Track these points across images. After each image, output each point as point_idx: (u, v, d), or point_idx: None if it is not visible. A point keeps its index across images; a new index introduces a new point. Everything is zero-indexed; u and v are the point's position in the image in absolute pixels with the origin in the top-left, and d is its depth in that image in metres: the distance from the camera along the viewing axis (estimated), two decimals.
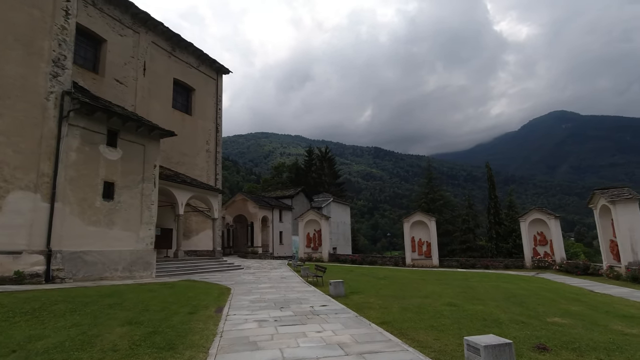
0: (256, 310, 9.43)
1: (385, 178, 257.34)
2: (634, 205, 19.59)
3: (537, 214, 29.29)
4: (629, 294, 13.95)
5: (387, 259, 33.25)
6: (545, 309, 9.61)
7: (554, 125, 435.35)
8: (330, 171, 68.84)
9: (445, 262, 30.68)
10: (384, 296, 11.99)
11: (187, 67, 27.24)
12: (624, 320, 8.40)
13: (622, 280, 18.47)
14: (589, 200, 22.68)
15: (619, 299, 12.42)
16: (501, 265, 28.97)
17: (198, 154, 27.55)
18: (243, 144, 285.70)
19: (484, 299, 11.27)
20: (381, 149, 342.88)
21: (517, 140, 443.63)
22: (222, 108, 30.86)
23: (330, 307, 9.81)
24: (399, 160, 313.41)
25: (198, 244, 26.55)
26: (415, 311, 9.22)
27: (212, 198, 24.04)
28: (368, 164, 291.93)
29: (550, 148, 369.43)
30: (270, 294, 12.62)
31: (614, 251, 20.93)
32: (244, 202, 40.50)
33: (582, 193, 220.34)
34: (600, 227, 21.95)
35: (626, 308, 10.25)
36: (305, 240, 35.06)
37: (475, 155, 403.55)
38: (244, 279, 17.84)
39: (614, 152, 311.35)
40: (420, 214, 32.89)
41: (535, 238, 29.10)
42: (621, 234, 19.41)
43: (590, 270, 22.35)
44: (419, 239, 31.88)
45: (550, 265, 26.98)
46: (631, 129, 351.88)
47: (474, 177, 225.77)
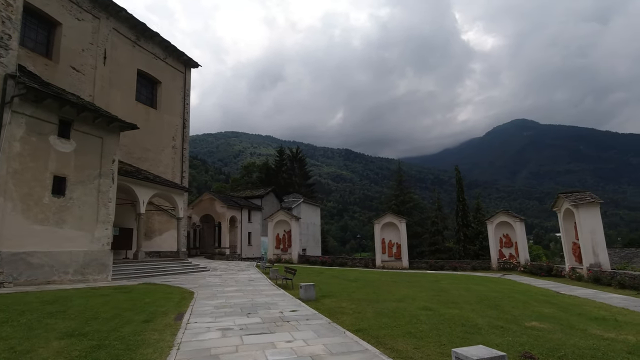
0: (220, 317, 8.64)
1: (356, 180, 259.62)
2: (595, 209, 20.23)
3: (504, 216, 29.93)
4: (594, 295, 14.20)
5: (357, 260, 32.99)
6: (520, 312, 9.42)
7: (516, 132, 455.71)
8: (301, 172, 68.19)
9: (415, 264, 30.79)
10: (357, 300, 11.49)
11: (153, 58, 25.79)
12: (598, 323, 8.30)
13: (584, 282, 18.97)
14: (554, 203, 23.29)
15: (586, 300, 12.55)
16: (469, 267, 29.36)
17: (163, 150, 26.14)
18: (212, 143, 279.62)
19: (458, 302, 11.01)
20: (352, 151, 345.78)
21: (481, 146, 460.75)
22: (190, 103, 29.52)
23: (301, 313, 9.17)
24: (369, 162, 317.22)
25: (161, 244, 25.14)
26: (391, 316, 8.75)
27: (177, 196, 22.80)
28: (338, 165, 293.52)
29: (512, 154, 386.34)
30: (236, 298, 11.82)
31: (576, 253, 21.56)
32: (211, 201, 39.09)
33: (540, 198, 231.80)
34: (563, 229, 22.58)
35: (596, 310, 10.26)
36: (275, 241, 34.21)
37: (443, 160, 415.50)
38: (209, 281, 16.86)
39: (569, 159, 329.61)
40: (391, 216, 32.86)
41: (501, 240, 29.72)
42: (584, 236, 19.96)
43: (553, 271, 22.93)
44: (389, 240, 31.83)
45: (515, 266, 27.57)
46: (584, 138, 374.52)
47: (440, 180, 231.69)
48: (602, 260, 19.40)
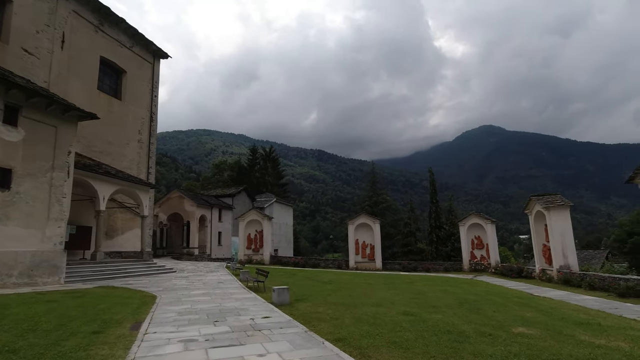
0: (184, 326, 7.74)
1: (328, 181, 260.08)
2: (565, 212, 20.57)
3: (476, 218, 30.24)
4: (567, 297, 14.23)
5: (330, 261, 32.43)
6: (503, 317, 9.07)
7: (483, 138, 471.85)
8: (274, 171, 67.07)
9: (388, 265, 30.58)
10: (333, 304, 10.84)
11: (118, 45, 24.18)
12: (584, 328, 8.04)
13: (554, 283, 19.19)
14: (526, 205, 23.59)
15: (561, 302, 12.47)
16: (441, 268, 29.44)
17: (128, 144, 24.56)
18: (183, 141, 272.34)
19: (439, 306, 10.58)
20: (325, 152, 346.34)
21: (451, 150, 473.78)
22: (158, 95, 27.98)
23: (274, 320, 8.41)
24: (342, 164, 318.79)
25: (124, 244, 23.59)
26: (372, 323, 8.15)
27: (142, 193, 21.39)
28: (311, 166, 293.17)
29: (479, 159, 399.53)
30: (203, 302, 10.88)
31: (546, 255, 21.87)
32: (180, 199, 37.45)
33: (505, 201, 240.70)
34: (534, 232, 22.88)
35: (576, 313, 10.10)
36: (246, 241, 33.12)
37: (414, 162, 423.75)
38: (174, 284, 15.74)
39: (532, 165, 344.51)
40: (365, 217, 32.54)
41: (473, 242, 29.99)
42: (554, 238, 20.24)
43: (524, 273, 23.19)
44: (362, 241, 31.48)
45: (486, 268, 27.85)
46: (546, 145, 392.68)
47: (412, 183, 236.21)
48: (571, 262, 19.73)
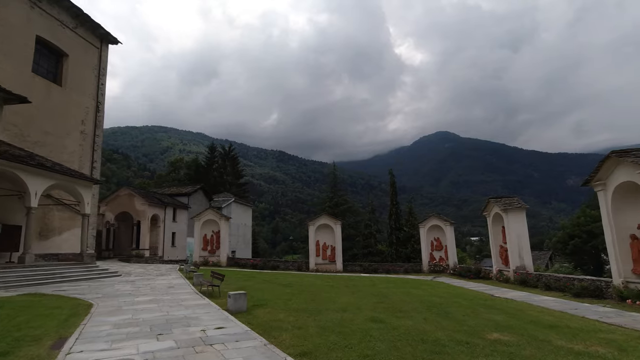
0: (120, 342, 6.55)
1: (288, 182, 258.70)
2: (522, 214, 21.08)
3: (435, 220, 30.56)
4: (527, 297, 14.31)
5: (289, 263, 31.48)
6: (474, 322, 8.65)
7: (439, 143, 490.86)
8: (233, 170, 65.01)
9: (349, 267, 30.18)
10: (295, 310, 9.98)
11: (59, 25, 21.82)
12: (556, 332, 7.77)
13: (511, 284, 19.52)
14: (484, 208, 24.01)
15: (523, 304, 12.41)
16: (401, 269, 29.44)
17: (68, 135, 22.22)
18: (137, 137, 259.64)
19: (406, 311, 10.04)
20: (285, 153, 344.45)
21: (409, 154, 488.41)
22: (106, 84, 25.70)
23: (229, 330, 7.41)
24: (302, 165, 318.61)
25: (62, 245, 21.26)
26: (338, 332, 7.38)
27: (84, 189, 19.32)
28: (272, 167, 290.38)
29: (435, 163, 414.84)
30: (148, 311, 9.61)
31: (502, 256, 22.31)
32: (130, 197, 34.89)
33: (458, 204, 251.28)
34: (492, 233, 23.32)
35: (542, 315, 9.94)
36: (202, 242, 31.39)
37: (373, 165, 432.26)
38: (117, 289, 14.13)
39: (483, 170, 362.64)
40: (326, 217, 31.94)
41: (432, 243, 30.28)
42: (511, 240, 20.64)
43: (481, 274, 23.57)
44: (323, 242, 30.86)
45: (445, 269, 28.16)
46: (496, 152, 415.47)
47: (371, 185, 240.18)
48: (526, 263, 20.19)
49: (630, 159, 12.33)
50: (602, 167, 13.62)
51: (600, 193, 14.05)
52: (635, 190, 12.66)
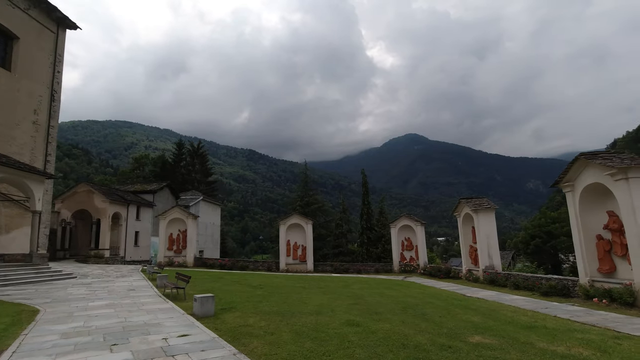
0: (66, 354, 5.74)
1: (258, 181, 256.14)
2: (491, 215, 21.40)
3: (406, 220, 30.71)
4: (497, 297, 14.40)
5: (259, 263, 30.69)
6: (453, 324, 8.40)
7: (409, 145, 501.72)
8: (202, 168, 63.07)
9: (320, 267, 29.80)
10: (266, 313, 9.39)
11: (8, 5, 19.98)
12: (535, 332, 7.64)
13: (480, 283, 19.74)
14: (455, 208, 24.26)
15: (495, 303, 12.42)
16: (372, 269, 29.36)
17: (18, 125, 20.42)
18: (99, 132, 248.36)
19: (382, 313, 9.69)
20: (256, 152, 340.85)
21: (379, 156, 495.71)
22: (62, 72, 23.92)
23: (195, 338, 6.74)
24: (273, 164, 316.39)
25: (9, 245, 19.48)
26: (314, 337, 6.89)
27: (34, 184, 17.77)
28: (242, 166, 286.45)
29: (405, 165, 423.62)
30: (103, 317, 8.71)
31: (472, 256, 22.60)
32: (89, 194, 32.85)
33: (426, 205, 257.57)
34: (462, 233, 23.58)
35: (517, 316, 9.88)
36: (168, 241, 30.01)
37: (343, 166, 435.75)
38: (70, 293, 12.96)
39: (450, 172, 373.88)
40: (297, 217, 31.40)
41: (403, 243, 30.40)
42: (481, 240, 20.90)
43: (451, 273, 23.78)
44: (294, 242, 30.32)
45: (415, 269, 28.31)
46: (463, 155, 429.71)
47: (341, 186, 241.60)
48: (495, 263, 20.51)
49: (598, 161, 12.60)
50: (571, 168, 13.88)
51: (568, 194, 14.34)
52: (602, 192, 12.97)
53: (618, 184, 11.92)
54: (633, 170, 11.59)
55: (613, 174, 11.95)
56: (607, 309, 11.16)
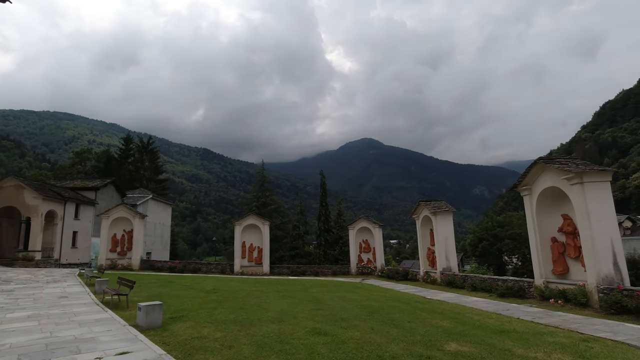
0: None
1: (212, 181, 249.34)
2: (449, 217, 21.71)
3: (365, 222, 30.63)
4: (457, 299, 14.41)
5: (212, 265, 29.14)
6: (423, 329, 7.98)
7: (364, 149, 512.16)
8: (152, 165, 59.53)
9: (276, 269, 28.88)
10: (222, 322, 8.42)
11: None
12: (509, 337, 7.40)
13: (438, 285, 19.89)
14: (414, 210, 24.41)
15: (461, 306, 12.32)
16: (330, 272, 28.92)
17: None
18: (34, 123, 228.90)
19: (348, 319, 9.08)
20: (210, 151, 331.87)
21: (335, 159, 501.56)
22: None
23: (136, 356, 5.70)
24: (228, 164, 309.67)
25: None
26: (279, 350, 6.10)
27: None
28: (195, 165, 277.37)
29: (360, 169, 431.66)
30: (21, 333, 7.30)
31: (430, 258, 22.82)
32: (17, 189, 29.45)
33: (380, 208, 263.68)
34: (420, 236, 23.77)
35: (483, 319, 9.72)
36: (111, 242, 27.64)
37: (300, 168, 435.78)
38: None
39: (403, 177, 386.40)
40: (254, 217, 30.27)
41: (361, 245, 30.28)
42: (439, 242, 21.09)
43: (409, 276, 23.88)
44: (250, 244, 29.19)
45: (372, 271, 28.23)
46: (416, 161, 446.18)
47: (297, 187, 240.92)
48: (452, 265, 20.78)
49: (556, 165, 12.93)
50: (529, 172, 14.20)
51: (526, 197, 14.66)
52: (557, 196, 13.35)
53: (574, 188, 12.27)
54: (588, 175, 11.98)
55: (569, 178, 12.29)
56: (563, 310, 11.38)
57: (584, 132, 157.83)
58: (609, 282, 11.28)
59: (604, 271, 11.45)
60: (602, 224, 11.72)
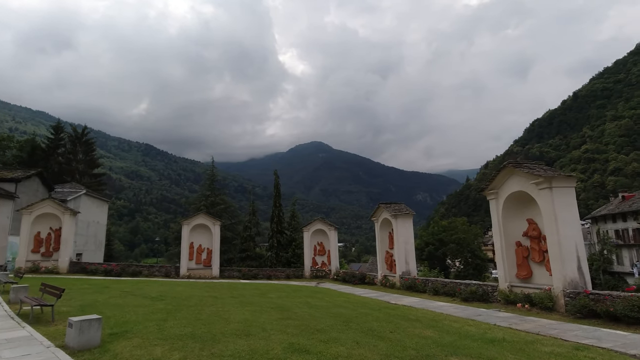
0: None
1: (154, 179, 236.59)
2: (409, 220, 21.51)
3: (320, 224, 29.86)
4: (422, 303, 14.01)
5: (155, 268, 26.66)
6: (412, 342, 7.19)
7: (314, 152, 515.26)
8: (87, 158, 54.16)
9: (226, 272, 27.17)
10: (177, 338, 6.99)
11: None
12: (502, 348, 6.83)
13: (397, 289, 19.53)
14: (373, 213, 24.01)
15: (430, 312, 11.85)
16: (283, 275, 27.74)
17: None
18: None
19: (325, 330, 8.06)
20: (153, 148, 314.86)
21: (284, 161, 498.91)
22: None
23: None
24: (172, 162, 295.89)
25: None
26: None
27: None
28: (136, 161, 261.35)
29: (309, 171, 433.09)
30: None
31: (388, 262, 22.49)
32: None
33: (327, 212, 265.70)
34: (379, 239, 23.39)
35: (463, 326, 9.21)
36: (33, 242, 24.25)
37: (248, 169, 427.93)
38: None
39: (350, 181, 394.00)
40: (204, 217, 28.32)
41: (315, 248, 29.46)
42: (399, 246, 20.77)
43: (367, 279, 23.37)
44: (198, 245, 27.20)
45: (327, 274, 27.49)
46: (363, 166, 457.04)
47: (244, 189, 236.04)
48: (411, 269, 20.57)
49: (525, 170, 12.96)
50: (497, 176, 14.18)
51: (492, 202, 14.63)
52: (524, 200, 13.40)
53: (542, 193, 12.32)
54: (557, 180, 12.06)
55: (539, 183, 12.32)
56: (531, 314, 11.27)
57: (516, 146, 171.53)
58: (574, 287, 11.37)
59: (569, 275, 11.53)
60: (568, 228, 11.84)
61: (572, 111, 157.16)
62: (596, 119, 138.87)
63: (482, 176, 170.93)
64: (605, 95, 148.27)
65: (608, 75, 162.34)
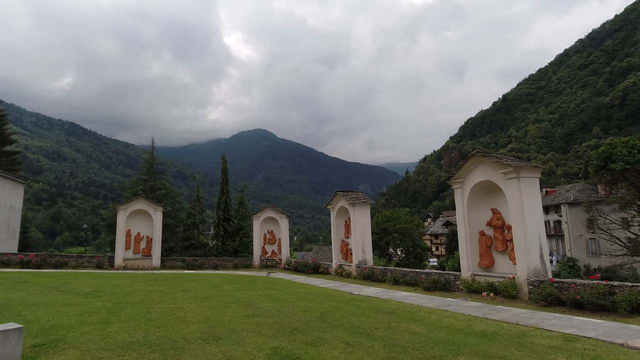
0: None
1: (81, 161, 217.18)
2: (367, 209, 21.15)
3: (271, 212, 28.67)
4: (386, 293, 13.61)
5: (85, 259, 23.76)
6: (406, 340, 6.49)
7: (257, 140, 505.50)
8: None
9: (168, 262, 25.12)
10: (127, 348, 5.58)
11: None
12: (499, 343, 6.38)
13: (353, 279, 19.13)
14: (330, 201, 23.32)
15: (401, 303, 11.39)
16: (231, 264, 26.31)
17: None
18: None
19: (303, 329, 7.09)
20: (79, 127, 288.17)
21: (226, 147, 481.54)
22: None
23: None
24: (102, 144, 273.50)
25: None
26: None
27: None
28: (58, 140, 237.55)
29: (252, 159, 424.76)
30: None
31: (343, 251, 22.05)
32: None
33: (269, 200, 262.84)
34: (334, 228, 22.82)
35: (443, 319, 8.79)
36: None
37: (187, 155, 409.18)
38: None
39: (294, 170, 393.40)
40: (144, 201, 25.88)
41: (265, 236, 28.33)
42: (356, 234, 20.35)
43: (320, 269, 22.75)
44: (137, 232, 24.79)
45: (277, 264, 26.56)
46: (306, 155, 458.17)
47: (183, 175, 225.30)
48: (368, 258, 20.24)
49: (494, 159, 12.92)
50: (464, 165, 14.07)
51: (457, 190, 14.54)
52: (489, 190, 13.44)
53: (510, 182, 12.34)
54: (524, 170, 12.13)
55: (507, 172, 12.33)
56: (497, 303, 11.25)
57: (451, 142, 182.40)
58: (537, 275, 11.55)
59: (533, 264, 11.69)
60: (532, 218, 11.99)
61: (501, 112, 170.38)
62: (521, 121, 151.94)
63: (421, 169, 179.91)
64: (529, 100, 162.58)
65: (532, 81, 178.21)
